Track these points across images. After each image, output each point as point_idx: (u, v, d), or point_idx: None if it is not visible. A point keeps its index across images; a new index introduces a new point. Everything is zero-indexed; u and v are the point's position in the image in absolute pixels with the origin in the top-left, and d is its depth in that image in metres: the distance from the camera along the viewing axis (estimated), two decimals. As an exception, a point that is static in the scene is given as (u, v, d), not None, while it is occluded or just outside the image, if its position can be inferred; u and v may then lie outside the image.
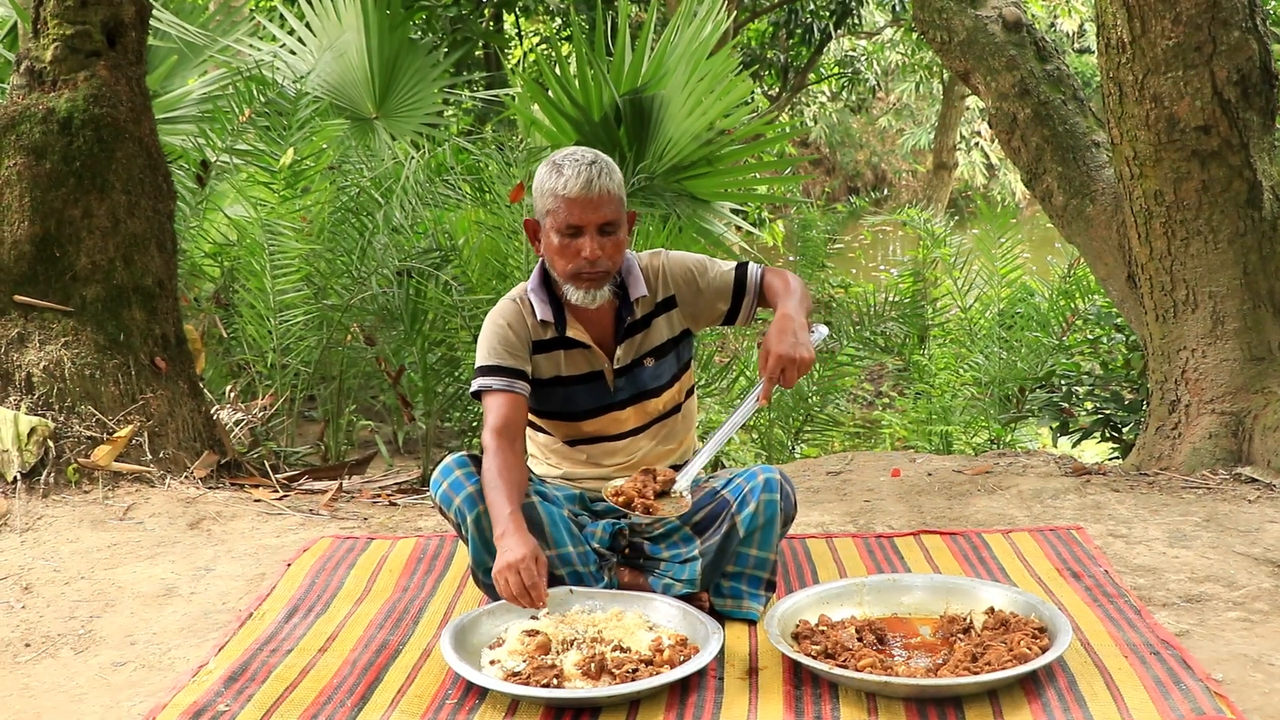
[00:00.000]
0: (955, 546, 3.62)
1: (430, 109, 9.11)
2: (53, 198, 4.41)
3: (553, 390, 3.25)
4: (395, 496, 4.66)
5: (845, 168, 24.75)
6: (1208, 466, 4.30)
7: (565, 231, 3.06)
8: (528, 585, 2.82)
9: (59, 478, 4.18)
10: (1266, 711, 2.53)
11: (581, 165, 3.04)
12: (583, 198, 3.03)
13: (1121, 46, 4.41)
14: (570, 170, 3.04)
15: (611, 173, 3.08)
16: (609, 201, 3.06)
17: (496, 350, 3.18)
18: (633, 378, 3.25)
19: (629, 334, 3.23)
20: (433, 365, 5.99)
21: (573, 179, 3.03)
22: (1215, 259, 4.42)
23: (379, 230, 5.77)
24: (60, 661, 3.02)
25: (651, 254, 3.32)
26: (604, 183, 3.04)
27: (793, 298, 3.14)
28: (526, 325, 3.21)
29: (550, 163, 3.10)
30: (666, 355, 3.29)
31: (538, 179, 3.12)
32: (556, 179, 3.05)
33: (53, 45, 4.48)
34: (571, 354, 3.23)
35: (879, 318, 7.56)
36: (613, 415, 3.27)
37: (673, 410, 3.35)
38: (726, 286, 3.28)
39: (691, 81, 7.88)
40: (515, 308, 3.23)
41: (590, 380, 3.24)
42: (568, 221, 3.05)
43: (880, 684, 2.60)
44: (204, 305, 6.20)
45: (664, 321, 3.28)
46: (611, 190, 3.06)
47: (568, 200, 3.03)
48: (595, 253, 3.05)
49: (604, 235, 3.07)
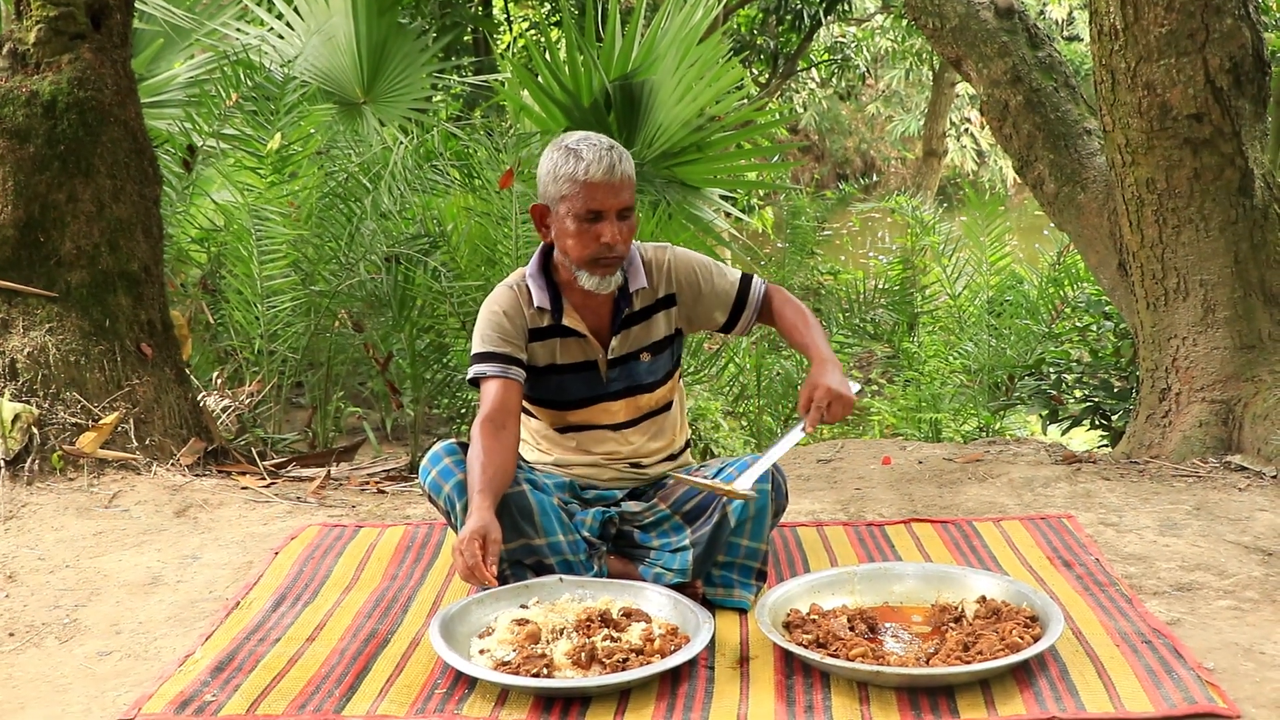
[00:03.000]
0: (946, 535, 3.61)
1: (419, 94, 9.07)
2: (37, 182, 4.37)
3: (546, 377, 3.24)
4: (383, 484, 4.64)
5: (834, 154, 24.72)
6: (1198, 454, 4.30)
7: (585, 216, 3.02)
8: (470, 566, 2.82)
9: (44, 465, 4.15)
10: (1258, 700, 2.52)
11: (601, 150, 3.01)
12: (606, 182, 3.00)
13: (1114, 34, 4.39)
14: (590, 155, 3.01)
15: (628, 157, 3.07)
16: (628, 185, 3.04)
17: (491, 337, 3.17)
18: (627, 370, 3.23)
19: (625, 325, 3.21)
20: (421, 352, 5.97)
21: (595, 163, 2.99)
22: (1206, 247, 4.42)
23: (367, 216, 5.74)
24: (45, 651, 2.99)
25: (657, 247, 3.29)
26: (625, 167, 3.03)
27: (821, 338, 3.17)
28: (523, 313, 3.19)
29: (563, 147, 3.06)
30: (663, 352, 3.27)
31: (549, 163, 3.07)
32: (575, 163, 3.01)
33: (36, 27, 4.43)
34: (566, 342, 3.21)
35: (868, 305, 7.55)
36: (604, 406, 3.25)
37: (664, 407, 3.33)
38: (728, 297, 3.27)
39: (682, 67, 7.87)
40: (512, 295, 3.21)
41: (583, 369, 3.22)
42: (589, 206, 3.01)
43: (872, 673, 2.59)
44: (190, 291, 6.16)
45: (662, 318, 3.26)
46: (630, 174, 3.05)
47: (589, 184, 3.00)
48: (615, 237, 3.03)
49: (622, 220, 3.05)
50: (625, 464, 3.30)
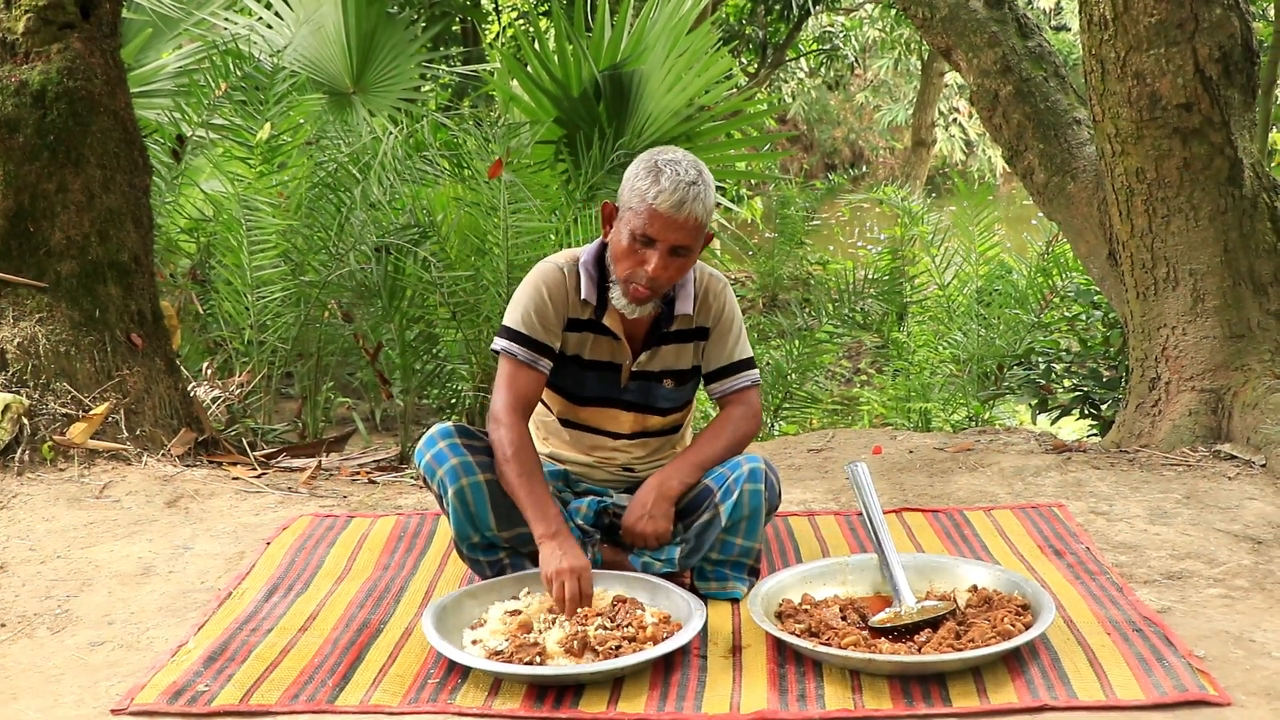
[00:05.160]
0: (937, 524, 3.62)
1: (408, 84, 9.06)
2: (26, 172, 4.35)
3: (569, 367, 3.20)
4: (374, 474, 4.64)
5: (823, 145, 24.70)
6: (1187, 444, 4.32)
7: (639, 238, 2.95)
8: (585, 593, 2.85)
9: (34, 455, 4.14)
10: (1248, 687, 2.53)
11: (681, 182, 2.90)
12: (669, 216, 2.91)
13: (1104, 23, 4.39)
14: (667, 183, 2.90)
15: (707, 196, 2.94)
16: (692, 227, 2.93)
17: (529, 319, 3.10)
18: (647, 387, 3.21)
19: (659, 342, 3.17)
20: (411, 342, 5.97)
21: (667, 192, 2.90)
22: (1196, 236, 4.43)
23: (357, 206, 5.73)
24: (36, 641, 2.99)
25: (715, 277, 3.22)
26: (695, 209, 2.91)
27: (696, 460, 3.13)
28: (567, 299, 3.13)
29: (651, 161, 2.96)
30: (686, 383, 3.25)
31: (632, 170, 2.99)
32: (651, 185, 2.92)
33: (25, 17, 4.41)
34: (600, 339, 3.16)
35: (857, 295, 7.56)
36: (614, 413, 3.23)
37: (672, 429, 3.33)
38: (723, 360, 3.22)
39: (671, 57, 7.86)
40: (560, 278, 3.13)
41: (606, 369, 3.19)
42: (646, 230, 2.93)
43: (864, 661, 2.60)
44: (180, 281, 6.15)
45: (693, 348, 3.22)
46: (700, 217, 2.93)
47: (653, 210, 2.91)
48: (659, 271, 2.95)
49: (674, 255, 2.96)
50: (619, 468, 3.30)
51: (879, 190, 10.49)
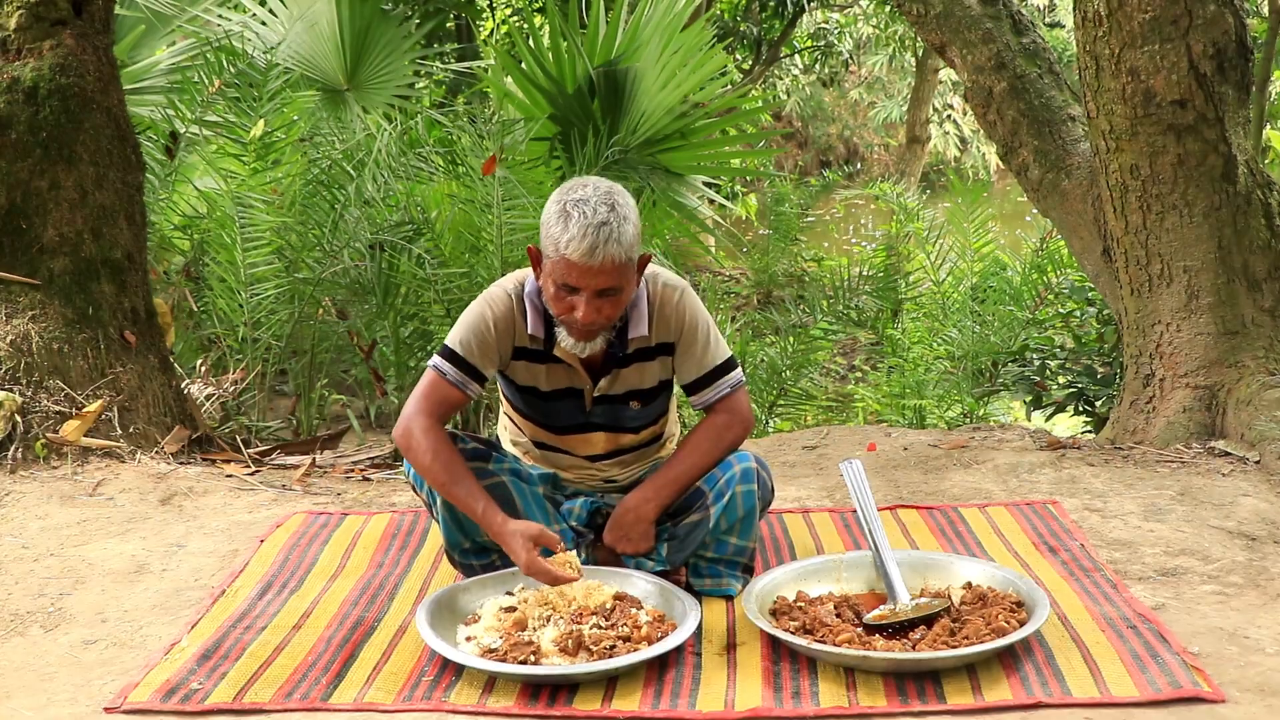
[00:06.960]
0: (932, 521, 3.62)
1: (402, 81, 9.05)
2: (19, 169, 4.34)
3: (531, 399, 3.13)
4: (368, 472, 4.63)
5: (818, 141, 24.69)
6: (1182, 440, 4.32)
7: (561, 287, 2.83)
8: (554, 576, 2.84)
9: (27, 453, 4.13)
10: (1242, 684, 2.54)
11: (589, 225, 2.74)
12: (583, 264, 2.76)
13: (1098, 20, 4.40)
14: (576, 228, 2.75)
15: (621, 235, 2.77)
16: (610, 270, 2.78)
17: (467, 343, 3.00)
18: (613, 410, 3.13)
19: (615, 366, 3.06)
20: (405, 339, 5.95)
21: (577, 240, 2.74)
22: (1190, 233, 4.43)
23: (351, 203, 5.72)
24: (29, 640, 2.98)
25: (670, 287, 3.05)
26: (610, 250, 2.75)
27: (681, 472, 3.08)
28: (513, 329, 3.02)
29: (560, 203, 2.81)
30: (655, 399, 3.16)
31: (547, 212, 2.84)
32: (562, 232, 2.77)
33: (17, 13, 4.40)
34: (554, 369, 3.06)
35: (852, 291, 7.56)
36: (584, 436, 3.17)
37: (649, 442, 3.28)
38: (701, 369, 3.09)
39: (665, 54, 7.86)
40: (508, 306, 3.01)
41: (569, 397, 3.10)
42: (565, 280, 2.80)
43: (859, 658, 2.60)
44: (174, 278, 6.13)
45: (658, 365, 3.10)
46: (617, 257, 2.76)
47: (567, 261, 2.77)
48: (591, 316, 2.83)
49: (602, 297, 2.83)
50: (601, 481, 3.28)
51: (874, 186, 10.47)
